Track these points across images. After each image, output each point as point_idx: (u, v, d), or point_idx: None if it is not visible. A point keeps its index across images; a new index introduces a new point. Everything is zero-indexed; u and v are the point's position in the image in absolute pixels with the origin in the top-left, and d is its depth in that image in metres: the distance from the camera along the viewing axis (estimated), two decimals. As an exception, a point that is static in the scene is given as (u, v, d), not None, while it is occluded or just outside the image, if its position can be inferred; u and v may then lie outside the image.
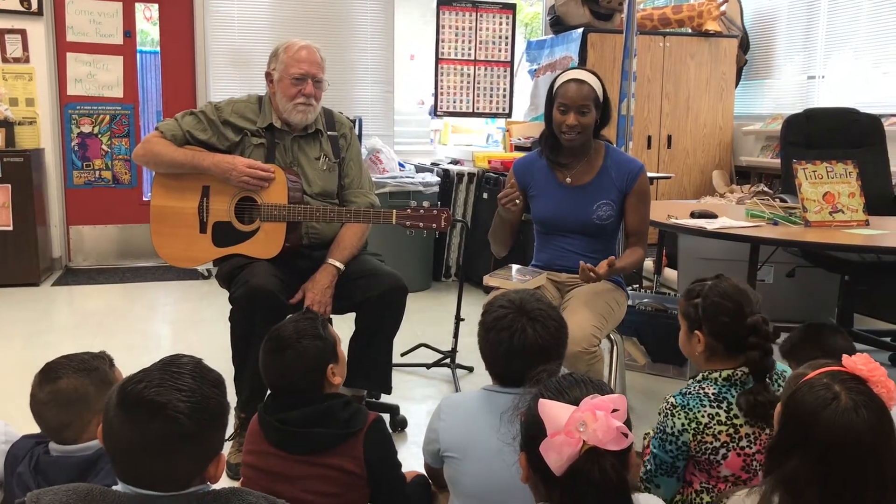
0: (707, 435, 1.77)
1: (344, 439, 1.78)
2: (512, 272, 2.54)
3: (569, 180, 2.65)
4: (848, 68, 5.00)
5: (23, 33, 5.29)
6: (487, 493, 1.67)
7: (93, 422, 1.68)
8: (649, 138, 5.51)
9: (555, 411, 1.19)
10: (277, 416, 1.79)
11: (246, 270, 2.55)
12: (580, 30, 5.38)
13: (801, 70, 5.37)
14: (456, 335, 3.51)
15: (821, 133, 3.89)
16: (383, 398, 2.95)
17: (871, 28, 4.81)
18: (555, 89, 2.59)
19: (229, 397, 1.32)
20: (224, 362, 2.02)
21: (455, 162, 5.84)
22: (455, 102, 5.83)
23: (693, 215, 3.10)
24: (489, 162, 5.17)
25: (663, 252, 4.42)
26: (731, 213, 3.23)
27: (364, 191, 2.86)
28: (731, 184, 5.57)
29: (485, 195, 5.11)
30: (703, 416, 1.78)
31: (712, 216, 3.09)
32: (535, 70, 5.98)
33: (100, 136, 5.65)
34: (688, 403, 1.79)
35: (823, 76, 5.19)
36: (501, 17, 5.83)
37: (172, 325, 4.43)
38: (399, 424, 2.90)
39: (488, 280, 2.47)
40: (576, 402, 1.19)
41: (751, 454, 1.77)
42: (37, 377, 1.74)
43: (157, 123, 2.84)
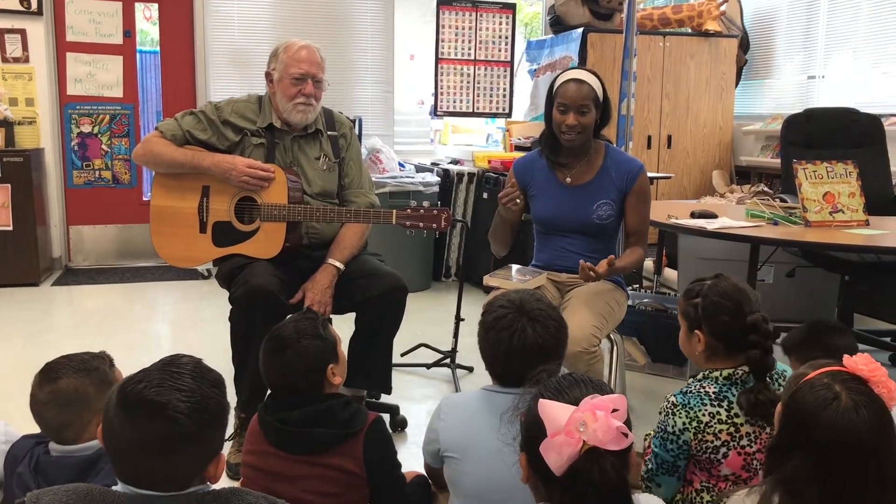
0: (708, 434, 1.77)
1: (344, 439, 1.78)
2: (512, 272, 2.54)
3: (569, 180, 2.65)
4: (848, 68, 4.99)
5: (22, 33, 5.29)
6: (487, 494, 1.67)
7: (93, 422, 1.68)
8: (649, 138, 5.51)
9: (555, 411, 1.19)
10: (277, 416, 1.79)
11: (246, 270, 2.55)
12: (580, 30, 5.38)
13: (801, 70, 5.37)
14: (456, 335, 3.51)
15: (821, 133, 3.89)
16: (383, 398, 2.95)
17: (870, 28, 4.81)
18: (555, 89, 2.59)
19: (229, 397, 1.32)
20: (224, 362, 2.02)
21: (455, 162, 5.84)
22: (455, 102, 5.83)
23: (693, 215, 3.10)
24: (489, 162, 5.17)
25: (663, 252, 4.42)
26: (731, 213, 3.23)
27: (364, 191, 2.86)
28: (731, 184, 5.57)
29: (485, 195, 5.11)
30: (703, 414, 1.78)
31: (712, 216, 3.09)
32: (535, 70, 5.98)
33: (100, 135, 5.65)
34: (689, 402, 1.80)
35: (823, 76, 5.19)
36: (501, 17, 5.83)
37: (172, 325, 4.43)
38: (399, 424, 2.90)
39: (488, 280, 2.47)
40: (576, 402, 1.19)
41: (751, 453, 1.77)
42: (37, 377, 1.74)
43: (156, 123, 2.84)
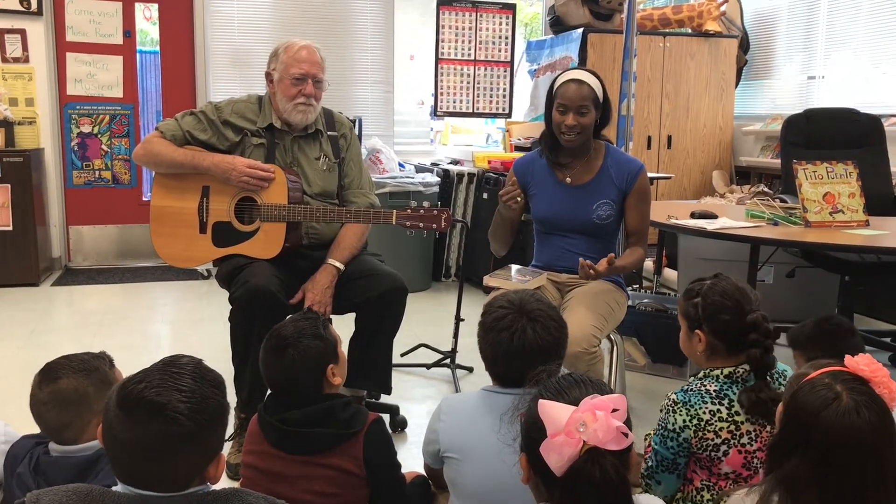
0: (708, 432, 1.77)
1: (344, 440, 1.78)
2: (512, 272, 2.54)
3: (569, 180, 2.65)
4: (848, 68, 4.99)
5: (22, 33, 5.29)
6: (487, 494, 1.67)
7: (93, 422, 1.68)
8: (649, 138, 5.51)
9: (555, 412, 1.19)
10: (277, 416, 1.79)
11: (246, 270, 2.54)
12: (580, 30, 5.38)
13: (801, 70, 5.37)
14: (456, 335, 3.51)
15: (821, 133, 3.89)
16: (383, 398, 2.95)
17: (870, 28, 4.81)
18: (554, 89, 2.59)
19: (229, 397, 1.32)
20: (224, 362, 2.02)
21: (455, 162, 5.84)
22: (455, 102, 5.82)
23: (693, 215, 3.10)
24: (489, 162, 5.16)
25: (663, 252, 4.42)
26: (731, 214, 3.23)
27: (364, 191, 2.86)
28: (731, 184, 5.57)
29: (485, 195, 5.11)
30: (704, 412, 1.78)
31: (712, 216, 3.09)
32: (535, 70, 5.98)
33: (99, 136, 5.65)
34: (689, 400, 1.80)
35: (823, 76, 5.19)
36: (501, 18, 5.83)
37: (172, 325, 4.43)
38: (399, 425, 2.89)
39: (488, 280, 2.47)
40: (576, 403, 1.19)
41: (751, 451, 1.77)
42: (37, 377, 1.74)
43: (156, 123, 2.84)
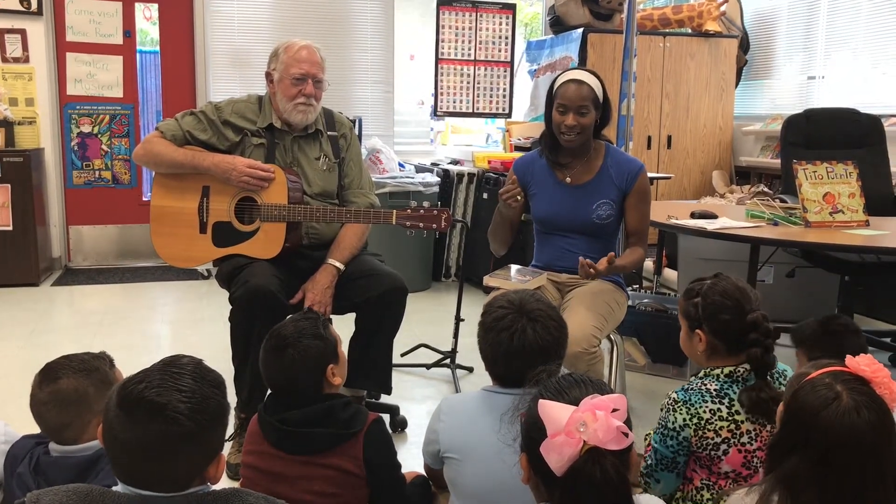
0: (708, 430, 1.78)
1: (344, 440, 1.78)
2: (512, 272, 2.54)
3: (569, 180, 2.65)
4: (848, 69, 5.00)
5: (22, 33, 5.29)
6: (488, 494, 1.67)
7: (93, 422, 1.67)
8: (649, 138, 5.51)
9: (555, 412, 1.19)
10: (277, 416, 1.79)
11: (246, 270, 2.54)
12: (580, 30, 5.38)
13: (801, 70, 5.37)
14: (456, 335, 3.51)
15: (821, 133, 3.89)
16: (383, 398, 2.95)
17: (870, 28, 4.81)
18: (554, 90, 2.59)
19: (229, 398, 1.32)
20: (224, 362, 2.02)
21: (455, 162, 5.84)
22: (455, 102, 5.82)
23: (693, 216, 3.10)
24: (489, 162, 5.16)
25: (663, 252, 4.42)
26: (731, 214, 3.23)
27: (364, 191, 2.86)
28: (730, 184, 5.57)
29: (485, 195, 5.11)
30: (704, 411, 1.78)
31: (712, 216, 3.09)
32: (535, 70, 5.98)
33: (99, 136, 5.65)
34: (689, 399, 1.80)
35: (823, 76, 5.19)
36: (501, 18, 5.83)
37: (172, 325, 4.43)
38: (399, 425, 2.89)
39: (488, 280, 2.47)
40: (576, 403, 1.19)
41: (751, 451, 1.77)
42: (37, 377, 1.74)
43: (157, 123, 2.84)
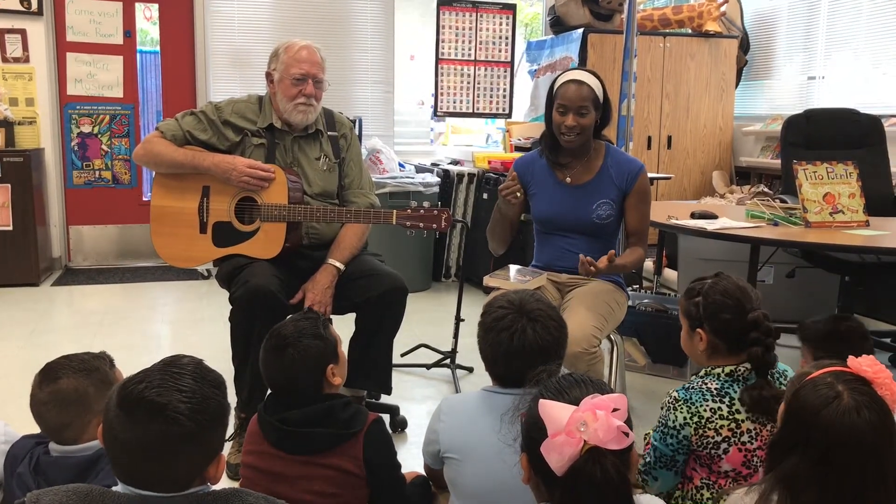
0: (709, 429, 1.78)
1: (344, 440, 1.78)
2: (512, 273, 2.53)
3: (569, 180, 2.65)
4: (848, 69, 5.00)
5: (23, 33, 5.29)
6: (488, 494, 1.67)
7: (93, 422, 1.67)
8: (649, 139, 5.51)
9: (555, 411, 1.19)
10: (277, 416, 1.79)
11: (246, 270, 2.54)
12: (580, 30, 5.38)
13: (801, 71, 5.37)
14: (456, 336, 3.51)
15: (821, 134, 3.89)
16: (383, 398, 2.95)
17: (871, 28, 4.81)
18: (554, 90, 2.59)
19: (229, 398, 1.32)
20: (224, 362, 2.02)
21: (455, 162, 5.84)
22: (455, 103, 5.82)
23: (693, 216, 3.10)
24: (489, 162, 5.16)
25: (663, 253, 4.42)
26: (731, 214, 3.23)
27: (364, 191, 2.86)
28: (731, 184, 5.57)
29: (485, 195, 5.11)
30: (705, 410, 1.78)
31: (712, 217, 3.09)
32: (535, 70, 5.98)
33: (100, 136, 5.65)
34: (690, 398, 1.80)
35: (823, 77, 5.19)
36: (501, 18, 5.83)
37: (172, 325, 4.43)
38: (399, 425, 2.89)
39: (488, 280, 2.47)
40: (576, 402, 1.19)
41: (752, 450, 1.78)
42: (37, 377, 1.74)
43: (157, 123, 2.84)
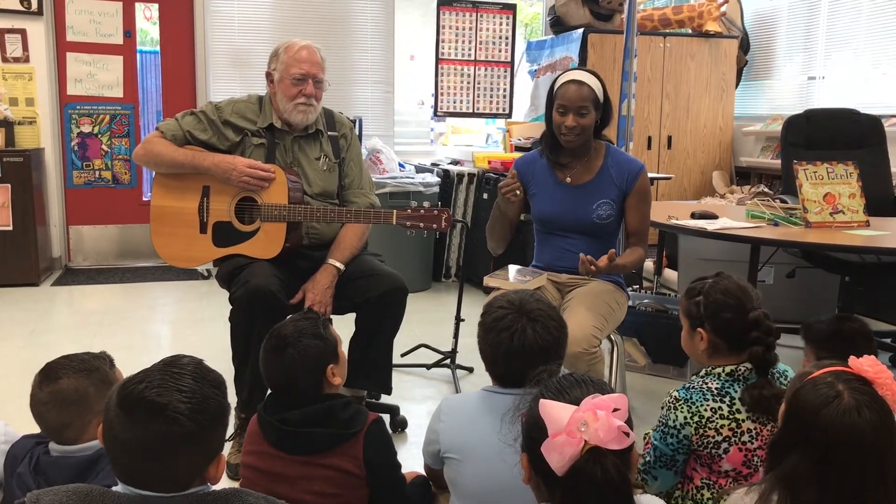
0: (709, 429, 1.78)
1: (344, 440, 1.78)
2: (512, 273, 2.53)
3: (569, 180, 2.65)
4: (848, 69, 5.00)
5: (23, 33, 5.29)
6: (488, 494, 1.67)
7: (93, 422, 1.67)
8: (649, 139, 5.51)
9: (556, 411, 1.19)
10: (277, 416, 1.79)
11: (246, 270, 2.54)
12: (580, 30, 5.38)
13: (802, 71, 5.37)
14: (456, 336, 3.51)
15: (821, 134, 3.89)
16: (383, 399, 2.95)
17: (871, 29, 4.81)
18: (555, 90, 2.59)
19: (229, 398, 1.32)
20: (224, 362, 2.02)
21: (455, 162, 5.84)
22: (455, 103, 5.82)
23: (693, 216, 3.10)
24: (489, 162, 5.16)
25: (663, 253, 4.42)
26: (731, 214, 3.22)
27: (364, 191, 2.86)
28: (731, 184, 5.57)
29: (485, 196, 5.11)
30: (705, 409, 1.78)
31: (713, 217, 3.09)
32: (536, 70, 5.98)
33: (100, 135, 5.65)
34: (691, 397, 1.80)
35: (824, 77, 5.19)
36: (501, 18, 5.83)
37: (172, 325, 4.43)
38: (399, 425, 2.89)
39: (488, 281, 2.47)
40: (577, 402, 1.19)
41: (752, 449, 1.78)
42: (37, 377, 1.74)
43: (157, 123, 2.84)
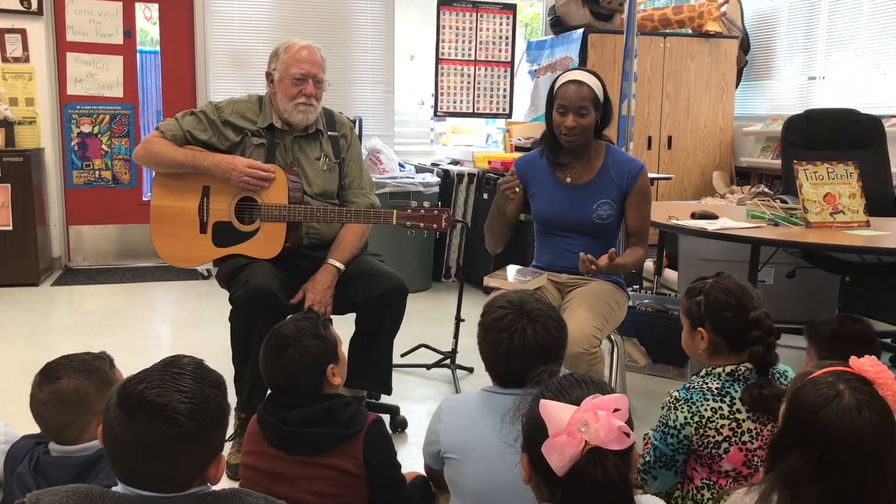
0: (709, 429, 1.78)
1: (343, 440, 1.78)
2: (512, 273, 2.53)
3: (569, 180, 2.65)
4: (848, 69, 4.99)
5: (23, 33, 5.29)
6: (488, 494, 1.67)
7: (93, 422, 1.67)
8: (650, 139, 5.51)
9: (556, 412, 1.19)
10: (277, 416, 1.79)
11: (246, 270, 2.54)
12: (580, 30, 5.38)
13: (802, 71, 5.37)
14: (456, 336, 3.51)
15: (821, 134, 3.89)
16: (383, 399, 2.94)
17: (871, 29, 4.81)
18: (555, 90, 2.59)
19: (229, 398, 1.32)
20: (224, 362, 2.02)
21: (455, 162, 5.84)
22: (455, 103, 5.82)
23: (693, 216, 3.10)
24: (489, 162, 5.16)
25: (664, 253, 4.42)
26: (731, 214, 3.22)
27: (364, 191, 2.86)
28: (731, 185, 5.57)
29: (485, 196, 5.11)
30: (706, 409, 1.78)
31: (713, 217, 3.09)
32: (536, 70, 5.98)
33: (100, 135, 5.64)
34: (691, 397, 1.80)
35: (824, 77, 5.19)
36: (502, 18, 5.83)
37: (172, 325, 4.43)
38: (399, 425, 2.89)
39: (488, 281, 2.47)
40: (577, 402, 1.19)
41: (752, 449, 1.78)
42: (37, 377, 1.74)
43: (157, 123, 2.84)
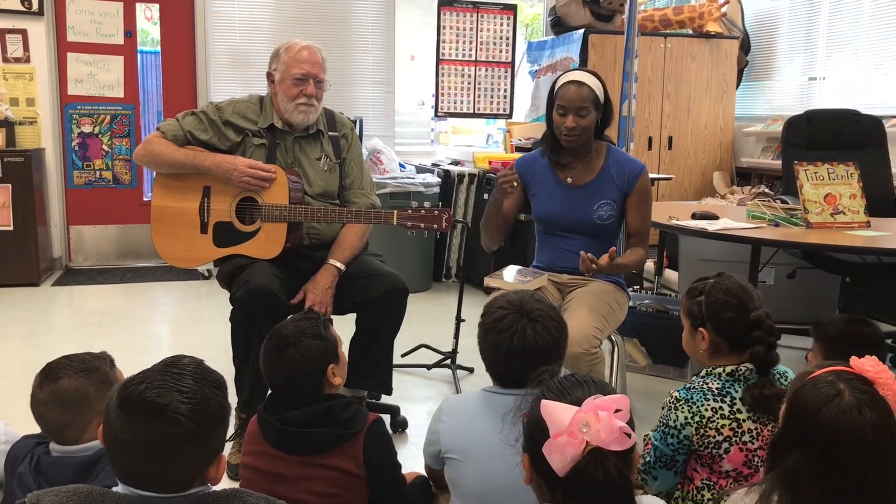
0: (710, 429, 1.78)
1: (344, 440, 1.78)
2: (512, 273, 2.53)
3: (570, 180, 2.65)
4: (849, 69, 5.00)
5: (23, 33, 5.29)
6: (489, 495, 1.67)
7: (93, 422, 1.67)
8: (650, 139, 5.51)
9: (557, 412, 1.19)
10: (277, 416, 1.79)
11: (247, 271, 2.54)
12: (581, 31, 5.38)
13: (802, 71, 5.37)
14: (456, 336, 3.51)
15: (822, 134, 3.89)
16: (384, 399, 2.94)
17: (872, 29, 4.81)
18: (555, 91, 2.59)
19: (230, 398, 1.32)
20: (224, 363, 2.02)
21: (455, 163, 5.83)
22: (456, 103, 5.82)
23: (694, 216, 3.10)
24: (490, 163, 5.16)
25: (664, 253, 4.42)
26: (732, 215, 3.22)
27: (365, 191, 2.86)
28: (731, 185, 5.57)
29: (485, 196, 5.11)
30: (706, 409, 1.78)
31: (713, 217, 3.08)
32: (536, 71, 5.98)
33: (100, 136, 5.65)
34: (692, 397, 1.80)
35: (824, 77, 5.19)
36: (502, 18, 5.83)
37: (172, 325, 4.43)
38: (399, 425, 2.89)
39: (489, 281, 2.47)
40: (578, 403, 1.19)
41: (753, 449, 1.78)
42: (37, 377, 1.74)
43: (157, 123, 2.84)
